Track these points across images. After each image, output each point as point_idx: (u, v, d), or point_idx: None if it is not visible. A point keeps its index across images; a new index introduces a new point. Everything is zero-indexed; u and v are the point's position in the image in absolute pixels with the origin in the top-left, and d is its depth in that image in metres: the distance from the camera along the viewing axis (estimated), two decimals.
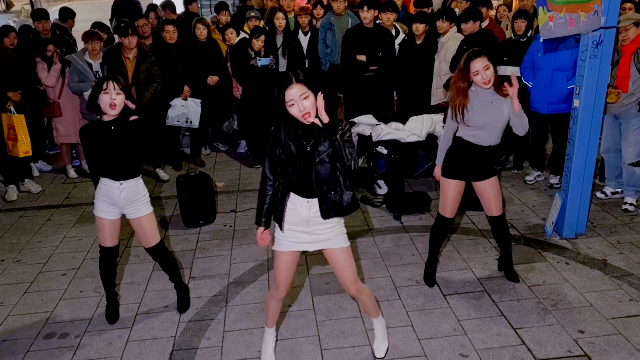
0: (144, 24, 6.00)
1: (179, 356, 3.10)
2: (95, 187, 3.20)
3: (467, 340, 3.12)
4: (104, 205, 3.17)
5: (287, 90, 2.44)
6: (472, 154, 3.37)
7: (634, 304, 3.40)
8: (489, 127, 3.31)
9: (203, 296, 3.68)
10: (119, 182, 3.13)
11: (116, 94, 2.99)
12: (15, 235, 4.77)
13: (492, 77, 3.21)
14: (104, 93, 2.99)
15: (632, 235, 4.28)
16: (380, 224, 4.68)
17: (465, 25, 5.30)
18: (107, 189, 3.14)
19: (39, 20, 6.02)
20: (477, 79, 3.22)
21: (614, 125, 4.74)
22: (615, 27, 3.86)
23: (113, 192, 3.13)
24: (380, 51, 5.67)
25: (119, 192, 3.13)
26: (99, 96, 2.99)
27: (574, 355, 2.97)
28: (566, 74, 4.77)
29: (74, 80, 5.52)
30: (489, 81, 3.21)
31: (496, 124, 3.30)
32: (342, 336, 3.20)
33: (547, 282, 3.68)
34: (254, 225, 4.51)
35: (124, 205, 3.18)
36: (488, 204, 3.51)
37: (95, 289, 3.82)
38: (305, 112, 2.42)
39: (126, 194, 3.15)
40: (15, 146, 5.26)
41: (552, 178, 5.32)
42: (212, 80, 6.15)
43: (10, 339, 3.32)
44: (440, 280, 3.76)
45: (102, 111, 3.04)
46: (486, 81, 3.20)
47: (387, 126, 5.05)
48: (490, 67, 3.21)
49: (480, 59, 3.20)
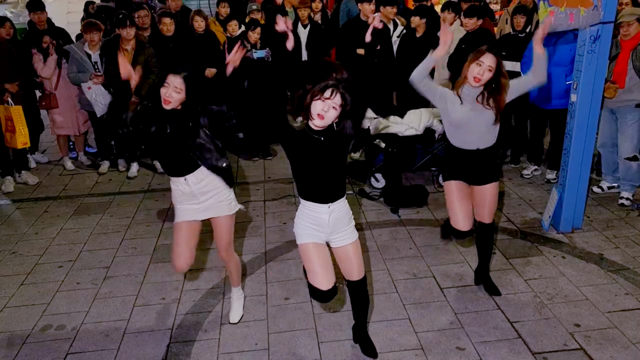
0: (145, 15, 5.96)
1: (176, 348, 3.11)
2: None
3: (463, 334, 3.14)
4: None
5: (171, 75, 2.72)
6: (464, 158, 3.24)
7: (629, 298, 3.42)
8: (466, 129, 3.13)
9: (200, 288, 3.68)
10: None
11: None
12: (12, 227, 4.76)
13: (485, 82, 3.02)
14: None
15: (628, 230, 4.30)
16: (378, 217, 4.68)
17: (468, 20, 5.28)
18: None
19: (35, 12, 5.97)
20: (475, 69, 3.01)
21: (610, 120, 4.75)
22: (613, 22, 3.85)
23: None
24: (378, 44, 5.65)
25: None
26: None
27: (570, 348, 2.99)
28: (565, 69, 4.77)
29: (73, 70, 5.50)
30: (480, 80, 3.02)
31: (473, 124, 3.11)
32: (339, 329, 3.21)
33: (543, 276, 3.69)
34: (251, 217, 4.49)
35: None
36: (482, 210, 3.36)
37: (91, 281, 3.82)
38: (166, 98, 2.71)
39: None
40: (13, 137, 5.23)
41: (549, 173, 5.33)
42: (210, 72, 6.12)
43: (6, 331, 3.31)
44: (437, 273, 3.77)
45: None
46: (478, 78, 3.03)
47: (385, 120, 5.05)
48: (493, 72, 2.99)
49: (494, 57, 3.00)
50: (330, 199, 2.60)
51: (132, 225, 4.68)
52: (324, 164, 2.53)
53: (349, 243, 2.71)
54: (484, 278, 3.56)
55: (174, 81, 2.72)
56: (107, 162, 6.08)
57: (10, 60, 5.32)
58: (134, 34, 5.31)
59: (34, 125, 6.00)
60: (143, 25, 5.90)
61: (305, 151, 2.50)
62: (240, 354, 3.04)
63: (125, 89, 3.07)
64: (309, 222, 2.64)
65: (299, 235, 2.69)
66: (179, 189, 2.93)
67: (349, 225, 2.71)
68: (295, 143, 2.52)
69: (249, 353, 3.04)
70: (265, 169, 5.94)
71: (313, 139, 2.49)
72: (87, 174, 5.99)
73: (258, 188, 5.41)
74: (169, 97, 2.72)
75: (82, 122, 6.01)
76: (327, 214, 2.61)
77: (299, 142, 2.50)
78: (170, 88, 2.72)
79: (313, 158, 2.51)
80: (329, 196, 2.60)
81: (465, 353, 2.98)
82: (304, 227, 2.66)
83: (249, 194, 5.27)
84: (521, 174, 5.47)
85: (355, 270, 2.77)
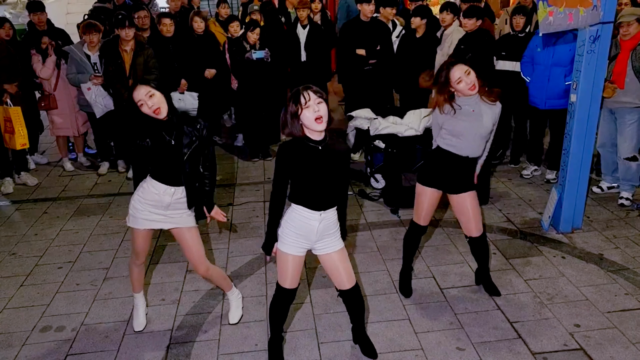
0: (145, 16, 5.96)
1: (176, 349, 3.11)
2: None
3: (463, 334, 3.14)
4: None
5: (134, 92, 2.72)
6: (449, 163, 3.20)
7: (629, 298, 3.42)
8: (466, 137, 3.12)
9: (200, 289, 3.68)
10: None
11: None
12: (11, 228, 4.75)
13: (476, 80, 3.04)
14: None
15: (628, 230, 4.30)
16: (378, 217, 4.68)
17: (467, 21, 5.27)
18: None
19: (35, 12, 5.97)
20: (461, 86, 3.02)
21: (610, 120, 4.74)
22: (612, 22, 3.85)
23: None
24: (378, 45, 5.65)
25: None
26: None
27: (570, 348, 2.99)
28: (564, 70, 4.77)
29: (72, 71, 5.49)
30: (474, 86, 3.03)
31: (473, 133, 3.12)
32: (339, 329, 3.21)
33: (543, 276, 3.69)
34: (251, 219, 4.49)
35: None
36: (467, 223, 3.29)
37: (91, 282, 3.82)
38: (154, 108, 2.69)
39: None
40: (12, 139, 5.22)
41: (548, 174, 5.33)
42: (209, 73, 6.12)
43: (6, 332, 3.31)
44: (437, 274, 3.76)
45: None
46: (471, 86, 3.01)
47: (384, 120, 5.04)
48: (472, 72, 3.02)
49: (459, 66, 3.04)
50: (324, 206, 2.61)
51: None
52: (323, 173, 2.54)
53: (334, 251, 2.70)
54: (484, 279, 3.56)
55: (141, 93, 2.70)
56: (107, 163, 6.08)
57: (9, 61, 5.31)
58: (133, 35, 5.31)
59: (33, 126, 6.00)
60: (143, 25, 5.90)
61: (305, 161, 2.51)
62: (240, 354, 3.04)
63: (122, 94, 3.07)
64: (296, 230, 2.63)
65: (282, 242, 2.68)
66: (157, 196, 2.88)
67: (335, 233, 2.70)
68: (299, 159, 2.52)
69: (249, 354, 3.04)
70: (264, 170, 5.94)
71: (312, 148, 2.50)
72: (87, 175, 5.98)
73: (258, 189, 5.41)
74: (152, 105, 2.70)
75: (81, 123, 6.00)
76: (318, 221, 2.60)
77: (301, 156, 2.51)
78: (145, 100, 2.70)
79: (312, 167, 2.52)
80: (323, 204, 2.60)
81: (465, 353, 2.98)
82: (289, 235, 2.65)
83: (248, 194, 5.26)
84: (521, 174, 5.47)
85: (345, 278, 2.75)
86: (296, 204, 2.63)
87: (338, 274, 2.75)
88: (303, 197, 2.60)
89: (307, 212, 2.60)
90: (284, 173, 2.57)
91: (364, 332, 3.02)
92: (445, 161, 3.22)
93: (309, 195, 2.58)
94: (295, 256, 2.68)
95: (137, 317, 3.30)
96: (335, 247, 2.71)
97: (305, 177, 2.55)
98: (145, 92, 2.70)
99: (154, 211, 2.92)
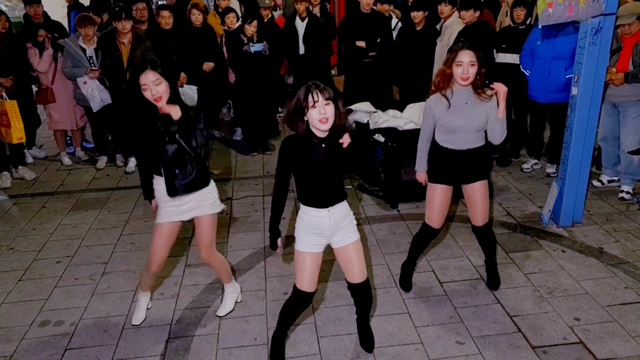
0: (143, 8, 5.91)
1: (175, 344, 3.10)
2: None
3: (463, 328, 3.13)
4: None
5: (142, 75, 2.68)
6: (453, 159, 3.15)
7: (629, 292, 3.41)
8: (461, 132, 3.07)
9: (199, 284, 3.67)
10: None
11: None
12: (9, 223, 4.73)
13: (473, 77, 2.98)
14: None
15: (628, 224, 4.29)
16: (377, 212, 4.67)
17: (465, 13, 5.22)
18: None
19: (31, 5, 5.92)
20: (458, 70, 2.96)
21: (612, 113, 4.72)
22: (615, 14, 3.81)
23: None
24: (378, 37, 5.62)
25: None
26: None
27: (570, 342, 2.98)
28: (564, 63, 4.73)
29: (67, 65, 5.45)
30: (467, 79, 2.97)
31: (469, 127, 3.06)
32: (339, 323, 3.20)
33: (543, 270, 3.69)
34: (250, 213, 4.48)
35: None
36: (474, 211, 3.27)
37: (90, 277, 3.80)
38: (157, 96, 2.68)
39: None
40: (8, 133, 5.19)
41: (549, 167, 5.31)
42: (208, 66, 6.09)
43: (4, 327, 3.30)
44: (436, 268, 3.76)
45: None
46: (464, 77, 2.95)
47: (384, 114, 5.02)
48: (476, 67, 2.95)
49: (470, 52, 2.97)
50: (331, 202, 2.60)
51: (130, 221, 4.66)
52: (326, 169, 2.54)
53: (350, 242, 2.69)
54: (489, 269, 3.54)
55: (148, 78, 2.68)
56: (105, 157, 6.05)
57: (4, 54, 5.27)
58: (130, 27, 5.26)
59: (31, 120, 5.97)
60: (141, 18, 5.86)
61: (309, 157, 2.50)
62: (240, 349, 3.03)
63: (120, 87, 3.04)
64: (310, 228, 2.63)
65: (298, 241, 2.68)
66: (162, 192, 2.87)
67: (350, 224, 2.70)
68: (301, 154, 2.51)
69: (248, 348, 3.03)
70: (264, 164, 5.92)
71: (316, 145, 2.50)
72: (85, 169, 5.96)
73: (257, 183, 5.39)
74: (156, 93, 2.68)
75: (79, 116, 5.97)
76: (328, 217, 2.60)
77: (303, 151, 2.50)
78: (149, 85, 2.68)
79: (316, 164, 2.51)
80: (329, 200, 2.60)
81: (465, 347, 2.97)
82: (304, 234, 2.65)
83: (247, 188, 5.24)
84: (521, 168, 5.46)
85: (357, 271, 2.75)
86: (304, 204, 2.64)
87: (351, 265, 2.74)
88: (309, 195, 2.60)
89: (315, 211, 2.60)
90: (285, 167, 2.56)
91: (367, 324, 3.01)
92: (448, 157, 3.19)
93: (314, 193, 2.58)
94: (312, 254, 2.66)
95: (137, 312, 3.31)
96: (352, 239, 2.70)
97: (308, 174, 2.55)
98: (153, 78, 2.68)
99: (173, 202, 2.89)
